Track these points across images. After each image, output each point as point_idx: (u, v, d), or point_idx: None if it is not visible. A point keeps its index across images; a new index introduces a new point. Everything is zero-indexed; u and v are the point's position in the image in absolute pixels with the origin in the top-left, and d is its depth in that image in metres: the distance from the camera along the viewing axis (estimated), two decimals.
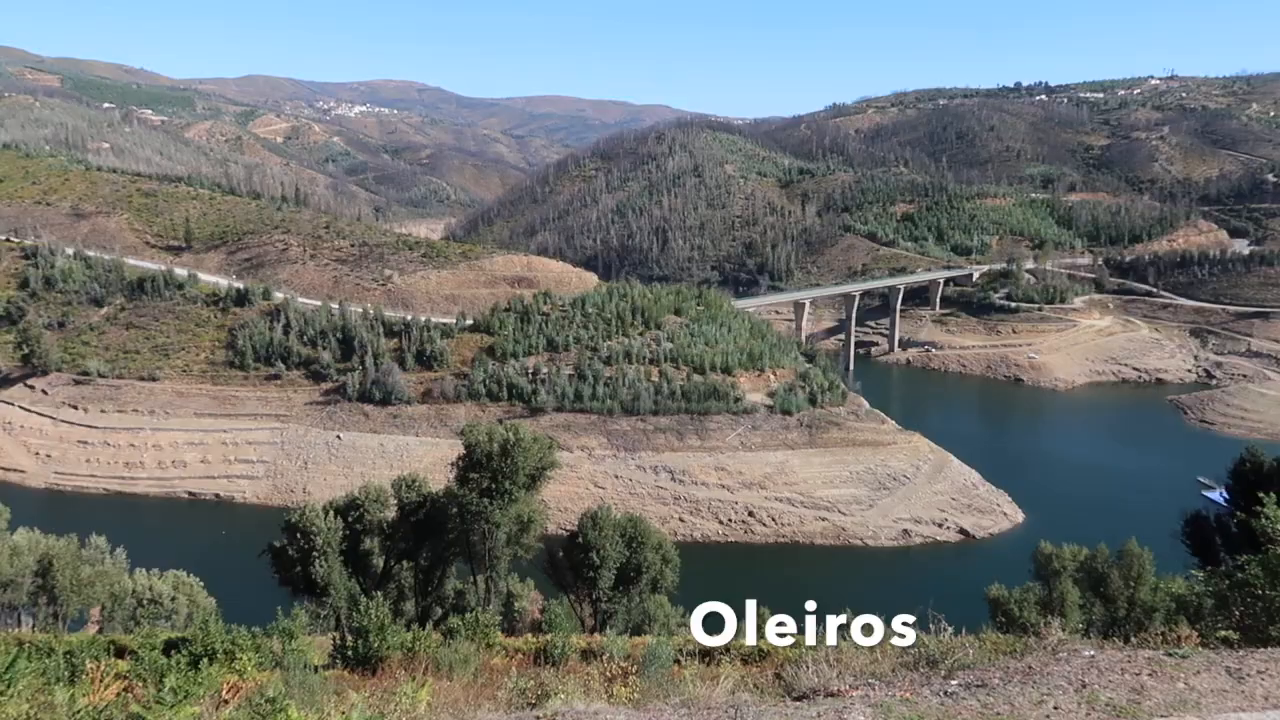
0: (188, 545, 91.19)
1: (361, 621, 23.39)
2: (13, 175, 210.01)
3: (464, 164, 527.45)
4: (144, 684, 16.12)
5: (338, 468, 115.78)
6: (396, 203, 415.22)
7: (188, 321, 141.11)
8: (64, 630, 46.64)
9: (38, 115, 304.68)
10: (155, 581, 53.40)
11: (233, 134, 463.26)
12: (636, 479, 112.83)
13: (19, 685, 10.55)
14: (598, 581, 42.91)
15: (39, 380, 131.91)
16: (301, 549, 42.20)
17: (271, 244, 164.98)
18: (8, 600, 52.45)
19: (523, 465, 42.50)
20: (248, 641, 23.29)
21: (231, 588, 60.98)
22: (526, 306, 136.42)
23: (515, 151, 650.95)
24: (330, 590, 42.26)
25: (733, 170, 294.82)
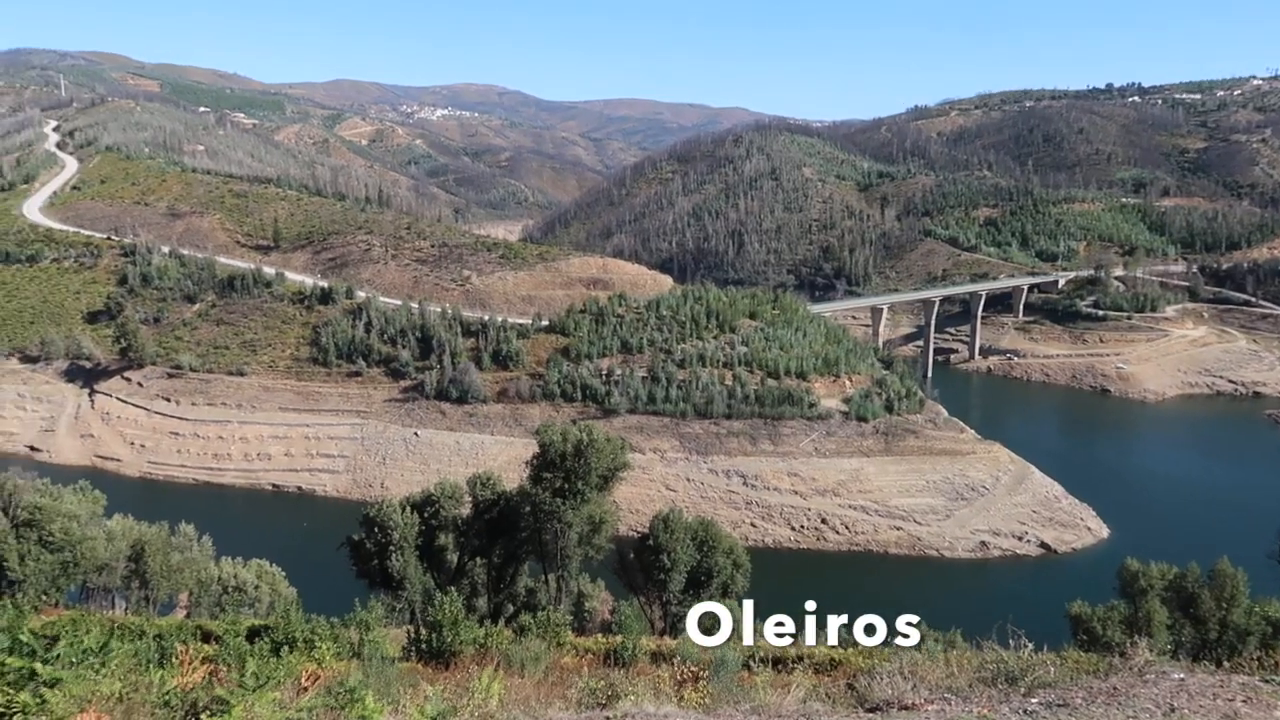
0: (270, 535, 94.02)
1: (436, 616, 23.73)
2: (114, 176, 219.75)
3: (542, 166, 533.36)
4: (228, 668, 16.60)
5: (415, 464, 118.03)
6: (476, 204, 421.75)
7: (274, 319, 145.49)
8: (154, 614, 48.48)
9: (138, 119, 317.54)
10: (240, 570, 55.13)
11: (320, 137, 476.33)
12: (708, 482, 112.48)
13: (113, 664, 10.94)
14: (668, 584, 42.89)
15: (135, 373, 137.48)
16: (379, 543, 43.10)
17: (355, 244, 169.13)
18: (103, 583, 54.71)
19: (595, 466, 42.70)
20: (326, 631, 23.82)
21: (311, 578, 62.62)
22: (601, 308, 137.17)
23: (592, 154, 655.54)
24: (406, 584, 43.08)
25: (810, 173, 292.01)
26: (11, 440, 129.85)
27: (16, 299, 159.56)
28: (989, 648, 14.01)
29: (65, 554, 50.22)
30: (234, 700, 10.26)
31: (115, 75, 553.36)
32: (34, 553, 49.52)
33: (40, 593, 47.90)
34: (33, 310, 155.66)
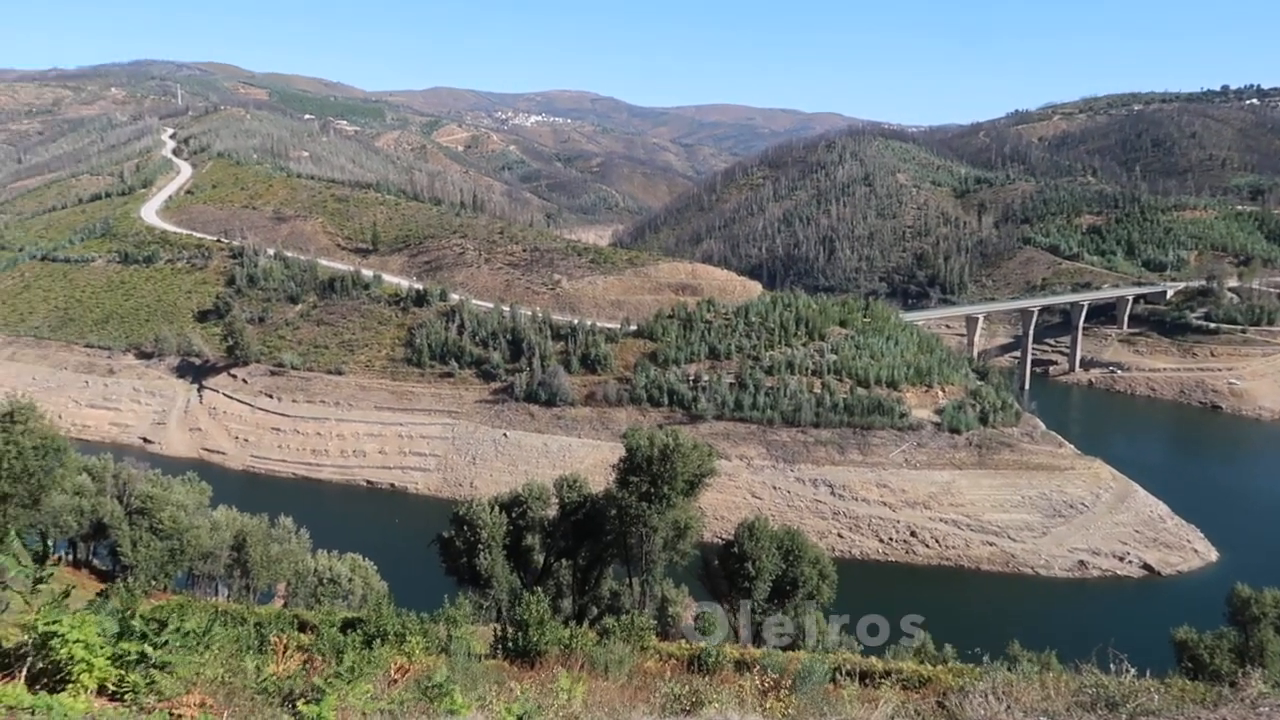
0: (364, 531, 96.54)
1: (522, 615, 24.01)
2: (225, 181, 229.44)
3: (633, 172, 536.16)
4: (323, 658, 17.11)
5: (503, 464, 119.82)
6: (567, 209, 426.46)
7: (371, 320, 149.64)
8: (254, 602, 50.30)
9: (248, 126, 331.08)
10: (334, 563, 56.74)
11: (418, 143, 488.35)
12: (795, 491, 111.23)
13: (215, 649, 11.35)
14: (753, 592, 42.50)
15: (240, 370, 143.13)
16: (468, 541, 43.85)
17: (449, 248, 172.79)
18: (207, 571, 56.99)
19: (682, 471, 42.61)
20: (416, 626, 24.33)
21: (401, 573, 64.11)
22: (690, 314, 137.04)
23: (683, 160, 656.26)
24: (493, 582, 43.72)
25: (905, 179, 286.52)
26: (127, 432, 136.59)
27: (134, 298, 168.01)
28: (1088, 671, 13.48)
29: (173, 541, 52.44)
30: (328, 690, 10.51)
31: (227, 84, 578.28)
32: (145, 539, 51.86)
33: (150, 578, 50.11)
34: (148, 309, 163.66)
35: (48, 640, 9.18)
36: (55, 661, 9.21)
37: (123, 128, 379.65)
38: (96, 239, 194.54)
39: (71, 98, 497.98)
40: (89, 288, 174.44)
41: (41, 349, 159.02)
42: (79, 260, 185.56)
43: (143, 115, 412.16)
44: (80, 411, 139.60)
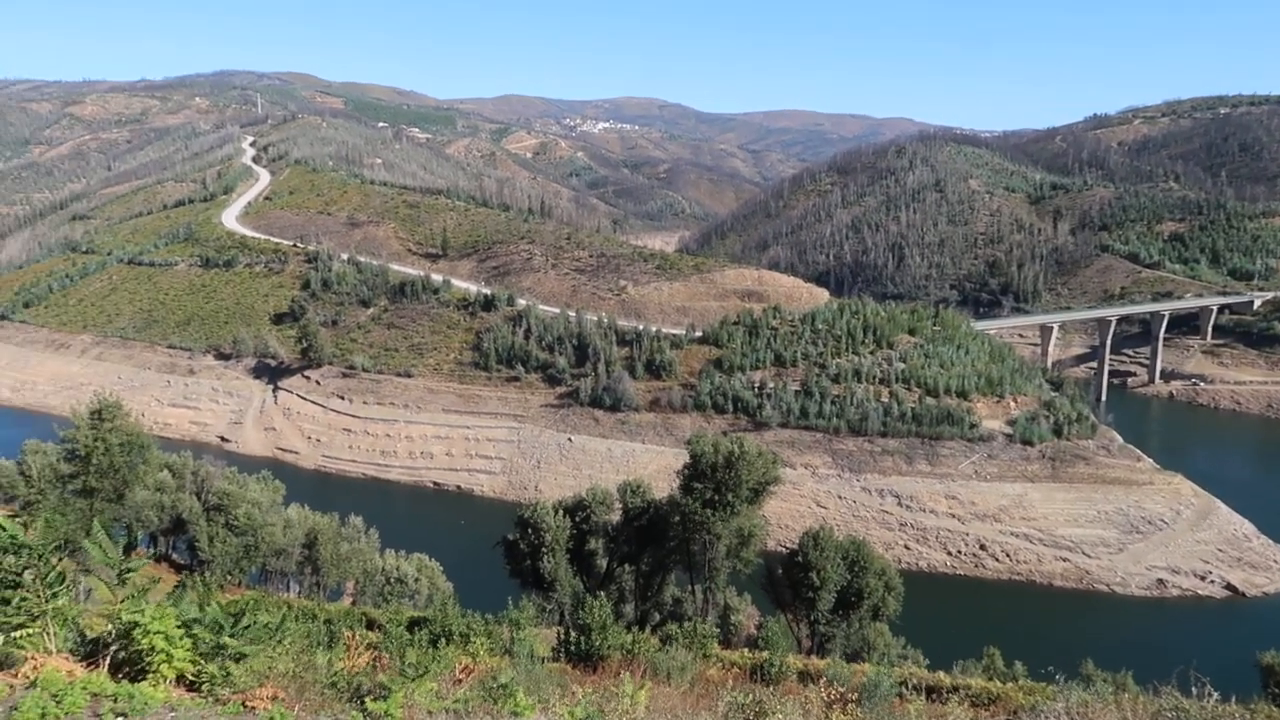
0: (430, 531, 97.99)
1: (585, 619, 24.09)
2: (301, 188, 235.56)
3: (700, 178, 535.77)
4: (390, 656, 17.39)
5: (567, 469, 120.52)
6: (633, 215, 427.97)
7: (440, 323, 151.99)
8: (324, 599, 51.39)
9: (324, 134, 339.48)
10: (402, 563, 57.69)
11: (487, 150, 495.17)
12: (861, 501, 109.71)
13: (287, 644, 11.59)
14: (816, 603, 42.06)
15: (314, 372, 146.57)
16: (532, 544, 44.22)
17: (517, 253, 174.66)
18: (279, 567, 58.43)
19: (746, 479, 42.41)
20: (481, 627, 24.60)
21: (466, 574, 64.89)
22: (755, 320, 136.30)
23: (750, 166, 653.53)
24: (556, 586, 44.00)
25: (977, 185, 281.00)
26: (205, 430, 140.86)
27: (214, 301, 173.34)
28: (1167, 694, 13.00)
29: (248, 538, 53.89)
30: (395, 688, 10.64)
31: (305, 94, 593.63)
32: (221, 535, 53.40)
33: (225, 573, 51.54)
34: (227, 311, 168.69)
35: (130, 630, 9.48)
36: (137, 651, 9.50)
37: (205, 136, 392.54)
38: (180, 243, 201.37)
39: (158, 107, 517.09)
40: (172, 290, 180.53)
41: (127, 349, 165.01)
42: (163, 264, 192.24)
43: (224, 124, 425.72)
44: (162, 410, 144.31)
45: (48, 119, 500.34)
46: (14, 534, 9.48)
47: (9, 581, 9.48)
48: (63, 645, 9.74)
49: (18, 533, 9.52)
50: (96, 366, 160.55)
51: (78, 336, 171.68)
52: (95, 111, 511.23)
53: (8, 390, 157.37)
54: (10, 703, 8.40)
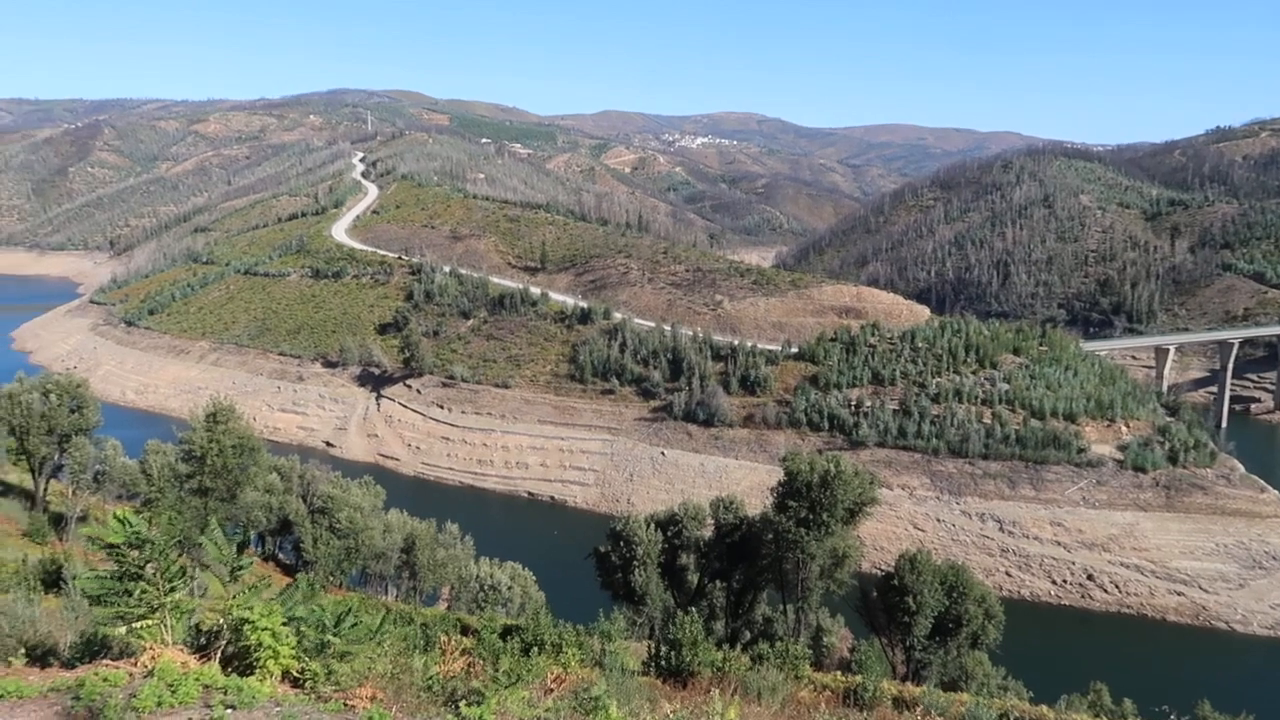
0: (523, 540, 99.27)
1: (675, 634, 23.99)
2: (407, 202, 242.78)
3: (798, 193, 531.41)
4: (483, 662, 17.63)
5: (660, 483, 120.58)
6: (730, 230, 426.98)
7: (537, 336, 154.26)
8: (420, 603, 52.55)
9: (430, 150, 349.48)
10: (495, 570, 58.56)
11: (586, 165, 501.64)
12: (960, 525, 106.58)
13: (386, 646, 11.88)
14: (912, 628, 40.94)
15: (415, 381, 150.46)
16: (623, 557, 44.31)
17: (614, 267, 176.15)
18: (378, 570, 60.00)
19: (842, 498, 41.66)
20: (572, 637, 24.71)
21: (558, 584, 65.41)
22: (853, 337, 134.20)
23: (850, 181, 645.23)
24: (647, 599, 43.98)
25: (1089, 201, 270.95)
26: (312, 435, 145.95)
27: (323, 310, 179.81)
28: None
29: (349, 541, 55.51)
30: (488, 694, 10.77)
31: (413, 111, 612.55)
32: (325, 537, 55.14)
33: (327, 573, 53.18)
34: (335, 321, 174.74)
35: (240, 626, 9.86)
36: (245, 646, 9.87)
37: (319, 152, 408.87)
38: (292, 255, 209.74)
39: (275, 125, 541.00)
40: (284, 300, 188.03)
41: (241, 355, 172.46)
42: (276, 274, 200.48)
43: (336, 140, 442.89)
44: (272, 415, 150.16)
45: (175, 136, 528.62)
46: (138, 529, 9.97)
47: (132, 574, 9.98)
48: (178, 637, 10.19)
49: (141, 528, 10.02)
50: (213, 372, 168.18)
51: (196, 343, 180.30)
52: (218, 129, 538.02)
53: (133, 393, 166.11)
54: (130, 690, 8.82)
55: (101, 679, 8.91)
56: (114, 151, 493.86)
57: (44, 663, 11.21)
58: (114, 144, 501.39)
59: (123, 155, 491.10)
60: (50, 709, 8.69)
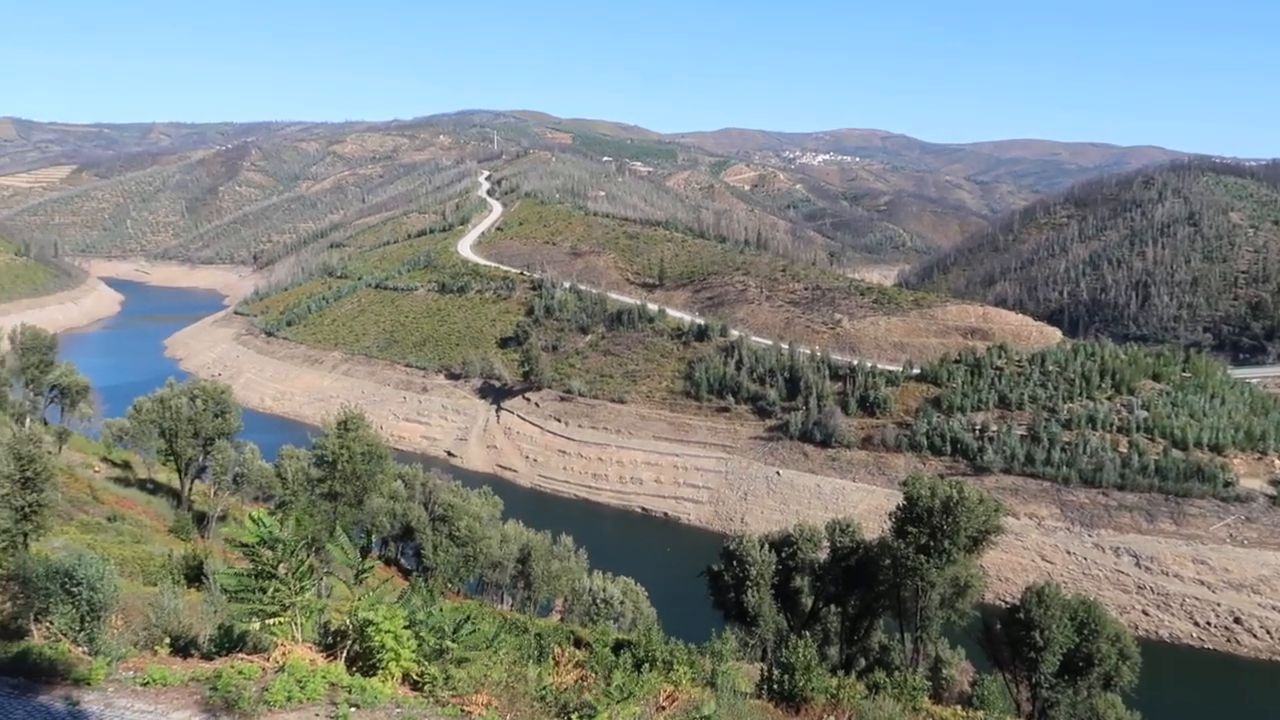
0: (636, 555, 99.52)
1: (789, 658, 23.58)
2: (530, 219, 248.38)
3: (922, 210, 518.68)
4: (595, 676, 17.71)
5: (774, 503, 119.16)
6: (851, 248, 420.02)
7: (654, 352, 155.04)
8: (534, 614, 53.33)
9: (552, 168, 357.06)
10: (608, 584, 58.92)
11: (706, 182, 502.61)
12: (1092, 558, 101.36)
13: (501, 654, 12.06)
14: (1039, 664, 39.12)
15: (534, 394, 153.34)
16: (736, 576, 43.91)
17: (732, 284, 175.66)
18: (495, 579, 61.23)
19: (965, 526, 40.21)
20: (684, 655, 24.62)
21: (669, 601, 65.29)
22: (979, 359, 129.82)
23: (977, 198, 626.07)
24: (759, 621, 43.42)
25: (1239, 218, 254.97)
26: (435, 445, 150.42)
27: (447, 324, 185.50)
28: None
29: (468, 549, 56.84)
30: (600, 707, 10.79)
31: (537, 130, 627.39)
32: (444, 544, 56.63)
33: (446, 580, 54.56)
34: (458, 334, 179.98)
35: (364, 628, 10.19)
36: (369, 647, 10.19)
37: (447, 171, 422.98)
38: (420, 270, 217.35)
39: (407, 145, 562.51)
40: (411, 313, 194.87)
41: (370, 366, 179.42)
42: (404, 289, 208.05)
43: (464, 159, 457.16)
44: (397, 424, 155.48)
45: (314, 157, 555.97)
46: (273, 529, 10.45)
47: (266, 572, 10.45)
48: (307, 635, 10.60)
49: (275, 528, 10.49)
50: (344, 381, 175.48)
51: (329, 353, 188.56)
52: (354, 150, 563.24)
53: (270, 400, 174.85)
54: (263, 684, 9.22)
55: (237, 672, 9.35)
56: (260, 171, 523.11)
57: (185, 653, 11.84)
58: (260, 164, 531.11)
59: (267, 175, 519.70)
60: (191, 697, 9.17)
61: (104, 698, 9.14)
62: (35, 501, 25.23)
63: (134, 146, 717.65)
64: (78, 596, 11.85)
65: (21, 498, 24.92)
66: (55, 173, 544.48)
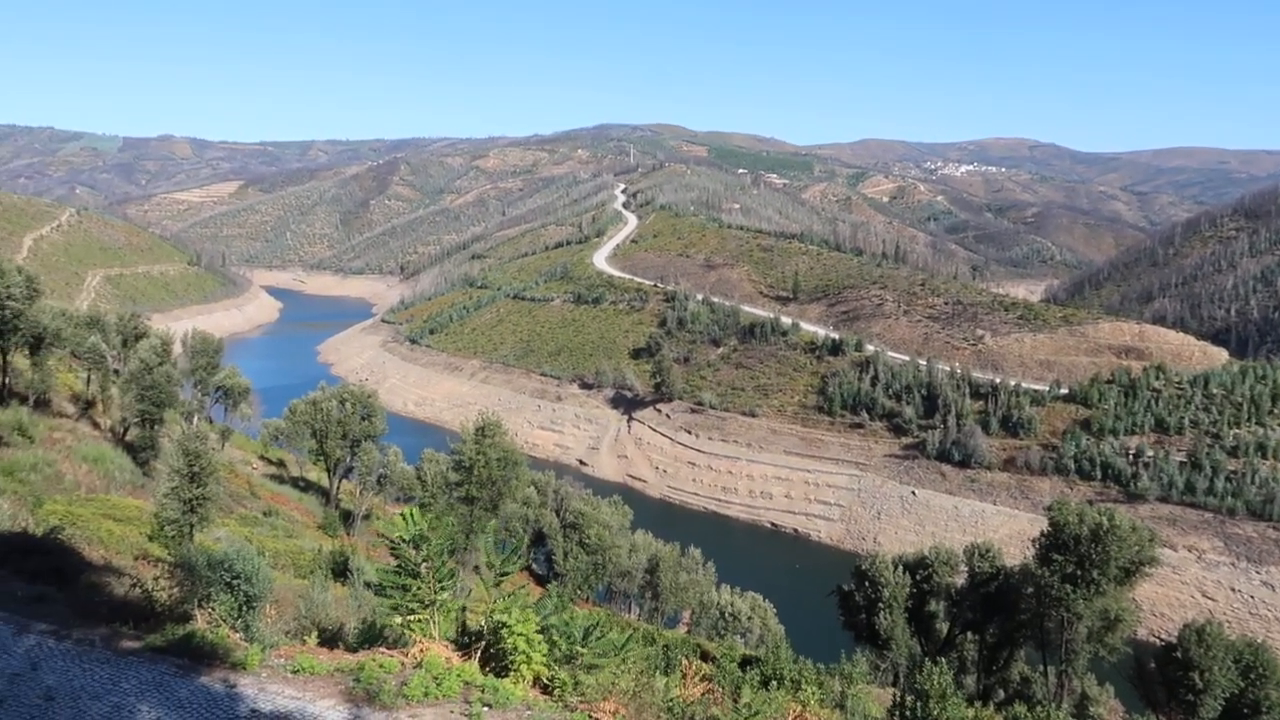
0: (764, 571, 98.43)
1: (922, 684, 22.80)
2: (664, 231, 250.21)
3: (1073, 223, 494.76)
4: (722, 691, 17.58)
5: (909, 523, 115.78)
6: (995, 262, 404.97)
7: (786, 365, 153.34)
8: (661, 625, 53.45)
9: (687, 181, 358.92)
10: (736, 599, 58.49)
11: (842, 194, 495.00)
12: (1260, 597, 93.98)
13: (629, 662, 12.11)
14: (1197, 708, 36.51)
15: (664, 405, 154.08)
16: (868, 597, 42.81)
17: (868, 298, 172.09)
18: (623, 588, 61.72)
19: (1116, 556, 37.98)
20: (812, 675, 24.17)
21: (797, 618, 64.26)
22: (1133, 380, 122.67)
23: (1134, 210, 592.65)
24: (891, 644, 42.19)
25: None
26: (567, 453, 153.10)
27: (582, 334, 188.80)
28: None
29: (597, 557, 57.55)
30: None
31: (672, 143, 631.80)
32: (575, 551, 57.52)
33: (576, 587, 55.35)
34: (592, 344, 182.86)
35: (498, 629, 10.43)
36: (502, 649, 10.43)
37: (584, 184, 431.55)
38: (556, 281, 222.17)
39: (546, 159, 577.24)
40: (547, 323, 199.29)
41: (507, 375, 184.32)
42: (541, 299, 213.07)
43: (601, 173, 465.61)
44: (531, 432, 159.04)
45: (459, 171, 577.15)
46: (420, 529, 10.85)
47: (410, 571, 10.85)
48: (444, 634, 10.94)
49: (423, 528, 10.90)
50: (482, 388, 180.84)
51: (469, 361, 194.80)
52: (495, 164, 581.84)
53: (412, 405, 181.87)
54: (402, 678, 9.57)
55: (378, 665, 9.74)
56: (408, 186, 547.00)
57: (331, 644, 12.42)
58: (408, 179, 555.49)
59: (415, 189, 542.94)
60: (335, 687, 9.60)
61: (258, 682, 9.68)
62: (201, 495, 27.03)
63: (295, 163, 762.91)
64: (236, 586, 12.62)
65: (189, 491, 26.76)
66: (224, 188, 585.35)
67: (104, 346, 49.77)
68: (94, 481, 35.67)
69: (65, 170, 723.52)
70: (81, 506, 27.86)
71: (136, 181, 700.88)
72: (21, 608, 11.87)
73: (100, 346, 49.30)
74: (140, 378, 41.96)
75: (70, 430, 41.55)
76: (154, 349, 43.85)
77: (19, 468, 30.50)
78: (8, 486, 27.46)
